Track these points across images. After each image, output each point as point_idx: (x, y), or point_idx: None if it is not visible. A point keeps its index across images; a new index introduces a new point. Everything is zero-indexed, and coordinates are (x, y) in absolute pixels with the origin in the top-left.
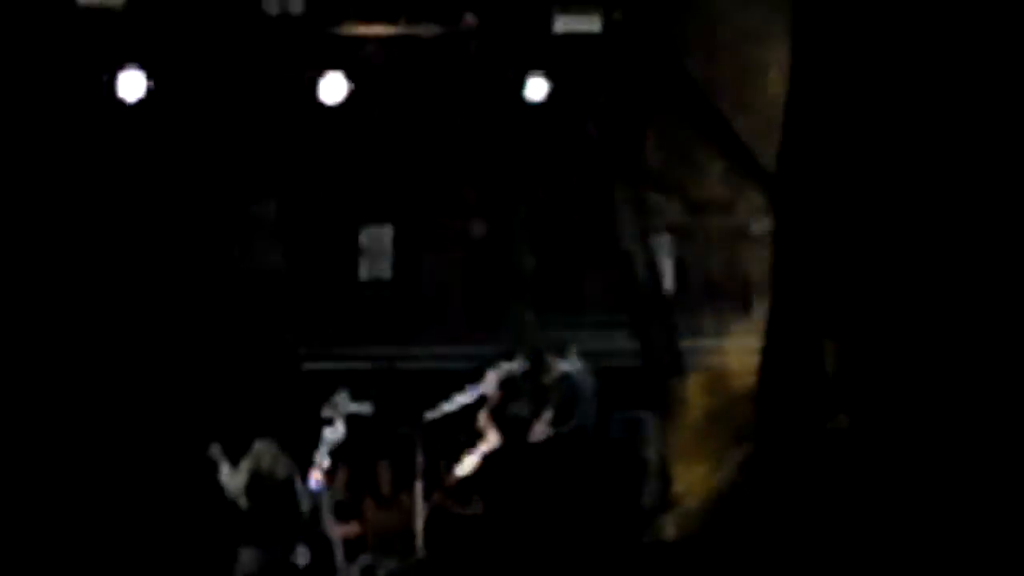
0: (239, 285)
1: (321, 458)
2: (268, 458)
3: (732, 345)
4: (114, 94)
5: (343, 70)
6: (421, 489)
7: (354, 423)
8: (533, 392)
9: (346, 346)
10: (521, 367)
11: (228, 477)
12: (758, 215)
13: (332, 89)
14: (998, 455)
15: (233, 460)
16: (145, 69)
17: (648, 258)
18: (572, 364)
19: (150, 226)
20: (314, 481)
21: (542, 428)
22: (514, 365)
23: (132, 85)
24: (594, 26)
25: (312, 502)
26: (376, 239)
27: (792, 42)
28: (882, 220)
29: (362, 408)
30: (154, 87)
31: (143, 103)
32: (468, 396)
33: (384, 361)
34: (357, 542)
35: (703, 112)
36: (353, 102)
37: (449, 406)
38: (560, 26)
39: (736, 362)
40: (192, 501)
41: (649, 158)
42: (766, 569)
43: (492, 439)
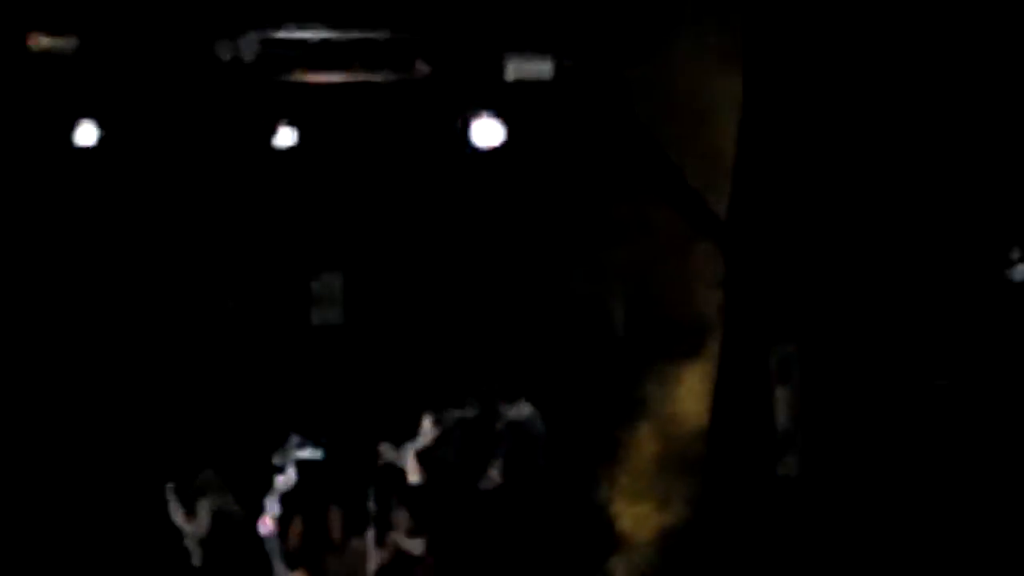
0: (190, 327)
1: (272, 504)
2: (219, 491)
3: (684, 390)
4: (70, 141)
5: (295, 117)
6: (373, 535)
7: (305, 469)
8: (483, 439)
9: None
10: (472, 413)
11: (185, 522)
12: (710, 261)
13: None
14: (948, 500)
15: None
16: (97, 115)
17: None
18: (521, 411)
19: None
20: (264, 528)
21: (493, 475)
22: (464, 412)
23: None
24: (545, 73)
25: (265, 548)
26: (327, 286)
27: (743, 91)
28: (832, 270)
29: (313, 453)
30: (105, 133)
31: (95, 149)
32: (421, 440)
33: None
34: None
35: (654, 159)
36: (305, 148)
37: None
38: (511, 73)
39: (687, 406)
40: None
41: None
42: None
43: (414, 478)
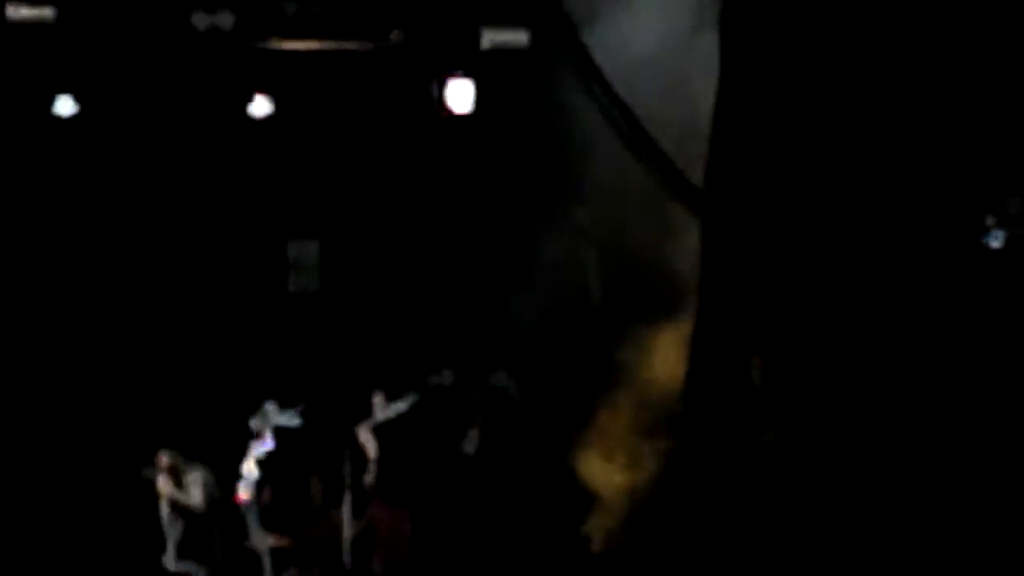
0: (170, 294)
1: (249, 469)
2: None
3: (660, 354)
4: (48, 111)
5: (272, 86)
6: (350, 501)
7: (282, 435)
8: (461, 406)
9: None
10: (449, 380)
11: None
12: (686, 229)
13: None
14: (923, 469)
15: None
16: (74, 84)
17: (577, 270)
18: (499, 378)
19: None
20: (242, 494)
21: (471, 442)
22: (442, 379)
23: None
24: (521, 41)
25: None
26: (304, 252)
27: (720, 57)
28: (808, 237)
29: (290, 420)
30: (84, 102)
31: (75, 118)
32: (398, 408)
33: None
34: (285, 554)
35: (629, 127)
36: (281, 117)
37: (378, 419)
38: (487, 41)
39: (663, 370)
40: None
41: (576, 173)
42: None
43: (371, 452)
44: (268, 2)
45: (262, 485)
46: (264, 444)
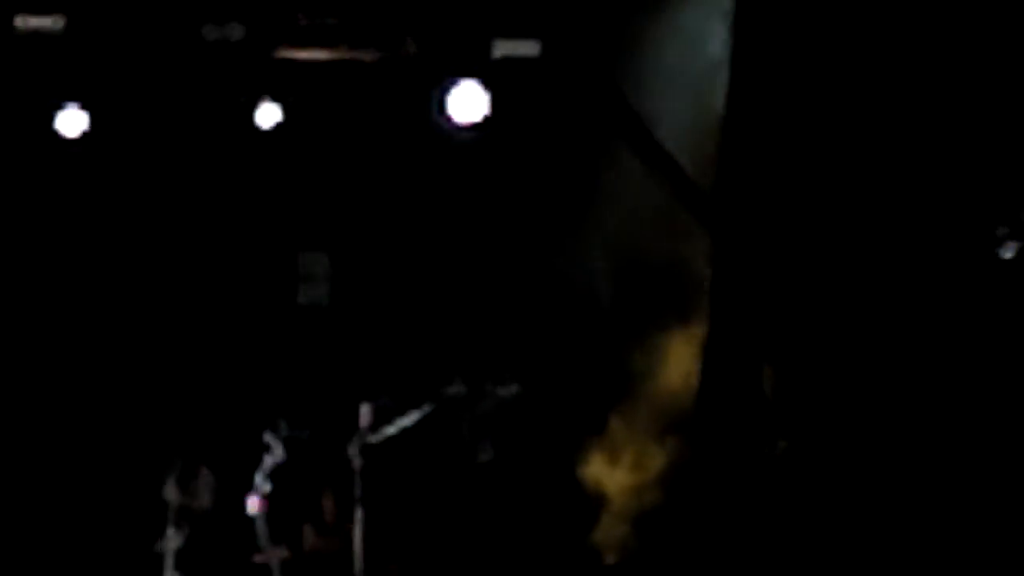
0: (180, 305)
1: (260, 483)
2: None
3: (670, 364)
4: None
5: (282, 95)
6: (361, 515)
7: (294, 448)
8: (471, 418)
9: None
10: (460, 391)
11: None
12: (697, 237)
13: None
14: (934, 474)
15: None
16: (83, 95)
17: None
18: (509, 389)
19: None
20: (253, 505)
21: (483, 453)
22: (453, 391)
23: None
24: (532, 51)
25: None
26: (314, 264)
27: (731, 67)
28: (820, 245)
29: (301, 433)
30: (92, 114)
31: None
32: (409, 420)
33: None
34: (296, 567)
35: (640, 136)
36: (292, 127)
37: (390, 431)
38: (498, 51)
39: (673, 381)
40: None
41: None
42: None
43: (357, 465)
44: (279, 13)
45: (273, 497)
46: (275, 457)
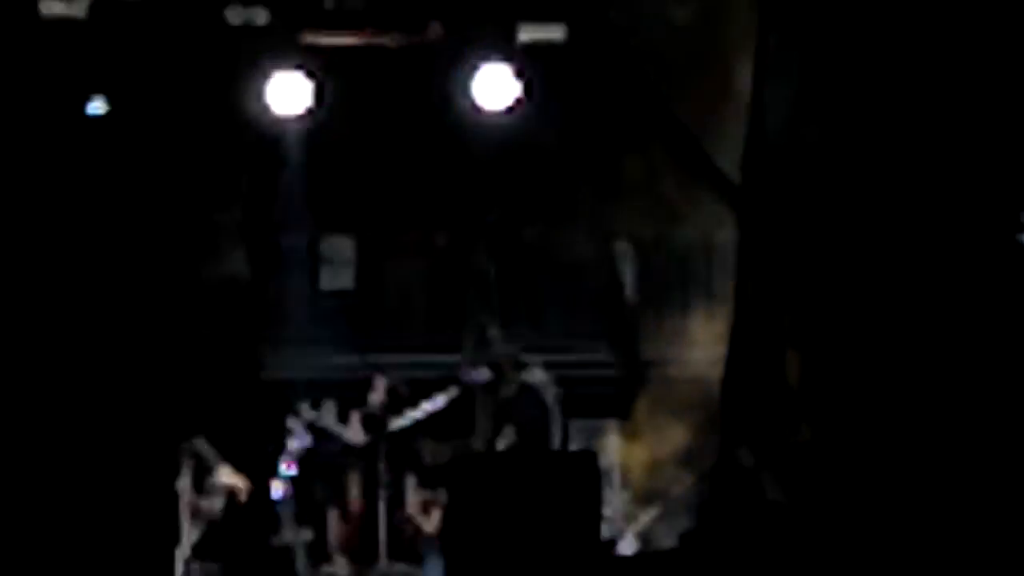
0: (202, 293)
1: (285, 467)
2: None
3: (696, 354)
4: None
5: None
6: (385, 499)
7: (318, 433)
8: (494, 404)
9: (309, 356)
10: (483, 378)
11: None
12: (721, 226)
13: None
14: (959, 464)
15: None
16: (108, 80)
17: (610, 267)
18: (533, 375)
19: (114, 232)
20: (277, 491)
21: (506, 439)
22: (477, 376)
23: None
24: (558, 36)
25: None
26: (338, 249)
27: (756, 52)
28: (845, 231)
29: (325, 418)
30: (119, 98)
31: (108, 114)
32: (433, 405)
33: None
34: (319, 550)
35: (667, 124)
36: (317, 111)
37: (414, 415)
38: (524, 36)
39: (700, 367)
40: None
41: (612, 168)
42: None
43: (357, 439)
44: None
45: (297, 482)
46: (300, 442)
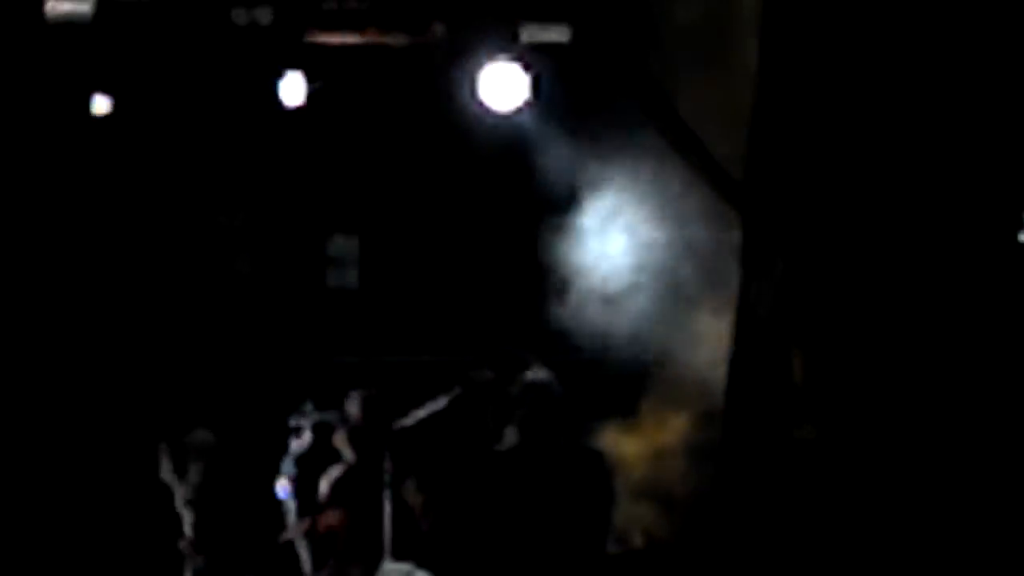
0: (207, 292)
1: (288, 466)
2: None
3: (700, 347)
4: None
5: (310, 78)
6: (390, 500)
7: (321, 432)
8: (500, 402)
9: (314, 355)
10: (488, 377)
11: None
12: (727, 225)
13: (292, 91)
14: (966, 463)
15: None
16: (112, 82)
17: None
18: (537, 373)
19: (119, 231)
20: (281, 489)
21: (510, 439)
22: (481, 375)
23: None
24: (562, 36)
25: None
26: (343, 249)
27: (760, 51)
28: (850, 228)
29: (330, 417)
30: (121, 99)
31: (112, 115)
32: (438, 405)
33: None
34: (325, 548)
35: (670, 122)
36: (321, 111)
37: (419, 414)
38: (527, 36)
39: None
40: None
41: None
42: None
43: (348, 457)
44: None
45: (300, 480)
46: (303, 441)
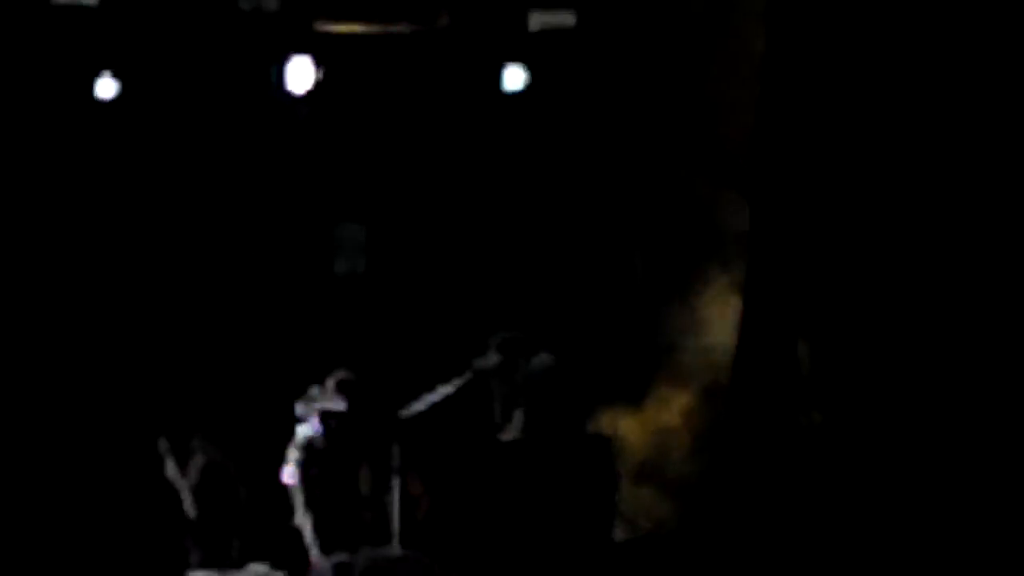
0: (215, 276)
1: (294, 454)
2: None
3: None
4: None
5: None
6: (397, 486)
7: (328, 419)
8: (505, 389)
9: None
10: (494, 363)
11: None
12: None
13: (300, 78)
14: (971, 451)
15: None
16: (117, 66)
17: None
18: (543, 360)
19: (124, 219)
20: (288, 477)
21: (515, 426)
22: (486, 362)
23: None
24: (568, 21)
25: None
26: (350, 235)
27: (765, 40)
28: (855, 217)
29: (335, 404)
30: (126, 84)
31: (115, 101)
32: (445, 391)
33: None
34: (332, 537)
35: (676, 111)
36: (327, 99)
37: (425, 402)
38: (535, 23)
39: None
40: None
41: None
42: (742, 564)
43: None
44: None
45: (307, 468)
46: (310, 428)
